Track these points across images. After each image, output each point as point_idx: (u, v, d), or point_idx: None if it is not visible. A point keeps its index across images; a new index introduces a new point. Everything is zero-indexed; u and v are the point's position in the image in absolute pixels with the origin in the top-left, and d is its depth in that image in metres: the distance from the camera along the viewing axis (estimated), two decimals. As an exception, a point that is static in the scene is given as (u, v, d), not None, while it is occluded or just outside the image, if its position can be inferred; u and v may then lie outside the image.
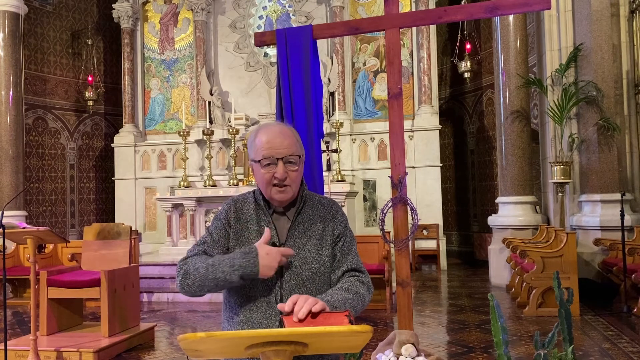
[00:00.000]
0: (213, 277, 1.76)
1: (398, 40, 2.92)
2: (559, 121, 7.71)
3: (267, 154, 1.82)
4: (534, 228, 8.38)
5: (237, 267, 1.73)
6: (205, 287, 1.79)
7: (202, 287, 1.79)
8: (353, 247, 1.95)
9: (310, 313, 1.55)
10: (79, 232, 13.01)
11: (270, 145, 1.82)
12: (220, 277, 1.75)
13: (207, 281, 1.77)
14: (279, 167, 1.81)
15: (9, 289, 8.40)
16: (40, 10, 12.81)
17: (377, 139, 11.06)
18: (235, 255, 1.77)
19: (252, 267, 1.72)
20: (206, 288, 1.79)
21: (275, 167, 1.82)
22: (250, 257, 1.73)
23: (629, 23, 7.83)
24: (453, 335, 5.69)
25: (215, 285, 1.77)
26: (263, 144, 1.83)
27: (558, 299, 2.40)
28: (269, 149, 1.82)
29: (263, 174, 1.84)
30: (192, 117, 11.99)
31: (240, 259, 1.74)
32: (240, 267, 1.73)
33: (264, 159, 1.82)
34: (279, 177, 1.81)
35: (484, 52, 12.01)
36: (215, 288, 1.79)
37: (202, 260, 1.80)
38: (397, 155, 2.85)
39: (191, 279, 1.79)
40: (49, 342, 5.08)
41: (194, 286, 1.79)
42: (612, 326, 5.77)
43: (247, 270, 1.72)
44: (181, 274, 1.82)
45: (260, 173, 1.85)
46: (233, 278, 1.74)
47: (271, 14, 11.98)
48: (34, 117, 12.75)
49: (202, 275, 1.77)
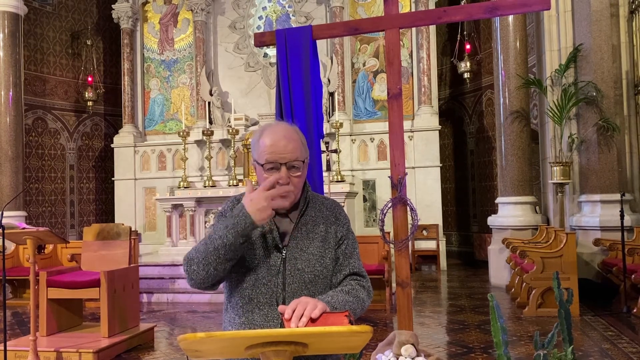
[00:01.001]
0: (213, 247, 1.71)
1: (398, 41, 2.92)
2: (559, 121, 7.71)
3: (270, 159, 1.78)
4: (534, 228, 8.38)
5: (231, 226, 1.70)
6: (210, 264, 1.72)
7: (207, 266, 1.73)
8: (355, 250, 1.93)
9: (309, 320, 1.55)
10: (78, 232, 13.01)
11: (274, 149, 1.78)
12: (219, 243, 1.71)
13: (209, 255, 1.72)
14: (282, 172, 1.78)
15: (9, 290, 8.40)
16: (40, 10, 12.81)
17: (376, 139, 11.06)
18: (226, 220, 1.76)
19: (243, 217, 1.69)
20: (211, 266, 1.72)
21: (278, 172, 1.78)
22: (238, 212, 1.71)
23: (628, 23, 7.83)
24: (453, 335, 5.69)
25: (217, 257, 1.71)
26: (267, 147, 1.79)
27: (558, 299, 2.40)
28: (272, 153, 1.78)
29: (265, 178, 1.80)
30: (192, 118, 11.99)
31: (231, 218, 1.72)
32: (233, 225, 1.70)
33: (267, 163, 1.79)
34: (282, 183, 1.78)
35: (483, 53, 12.01)
36: (220, 262, 1.72)
37: (202, 242, 1.78)
38: (396, 156, 2.85)
39: (195, 262, 1.75)
40: (48, 342, 5.08)
41: (200, 268, 1.74)
42: (612, 326, 5.77)
43: (240, 225, 1.69)
44: (186, 263, 1.78)
45: (262, 177, 1.82)
46: (230, 238, 1.69)
47: (271, 14, 11.98)
48: (34, 118, 12.75)
49: (203, 252, 1.74)
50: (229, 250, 1.71)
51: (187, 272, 1.79)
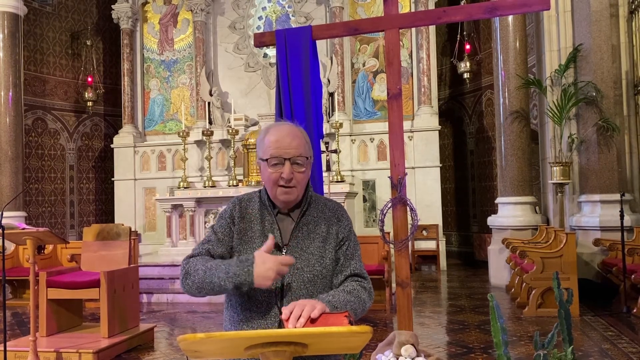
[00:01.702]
0: (209, 281, 1.75)
1: (397, 41, 2.92)
2: (559, 122, 7.71)
3: (275, 154, 1.82)
4: (534, 228, 8.38)
5: (232, 275, 1.70)
6: (204, 290, 1.78)
7: (201, 290, 1.78)
8: (357, 251, 1.94)
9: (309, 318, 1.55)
10: (78, 232, 13.00)
11: (279, 145, 1.82)
12: (215, 282, 1.73)
13: (205, 284, 1.76)
14: (286, 167, 1.80)
15: (9, 290, 8.39)
16: (40, 11, 12.80)
17: (376, 139, 11.06)
18: (232, 261, 1.75)
19: (246, 276, 1.69)
20: (204, 291, 1.78)
21: (282, 167, 1.81)
22: (245, 265, 1.70)
23: (628, 24, 7.83)
24: (453, 335, 5.69)
25: (211, 289, 1.76)
26: (271, 143, 1.83)
27: (558, 300, 2.40)
28: (277, 148, 1.82)
29: (270, 173, 1.83)
30: (192, 118, 11.99)
31: (236, 266, 1.72)
32: (234, 275, 1.70)
33: (272, 158, 1.82)
34: (286, 177, 1.80)
35: (483, 53, 12.01)
36: (213, 292, 1.77)
37: (203, 262, 1.79)
38: (396, 156, 2.85)
39: (191, 280, 1.79)
40: (48, 343, 5.08)
41: (193, 287, 1.79)
42: (612, 326, 5.77)
43: (240, 279, 1.69)
44: (183, 273, 1.82)
45: (267, 172, 1.84)
46: (227, 286, 1.72)
47: (270, 14, 11.98)
48: (34, 118, 12.74)
49: (200, 278, 1.77)
50: (222, 290, 1.76)
51: (182, 282, 1.83)
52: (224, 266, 1.74)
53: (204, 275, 1.76)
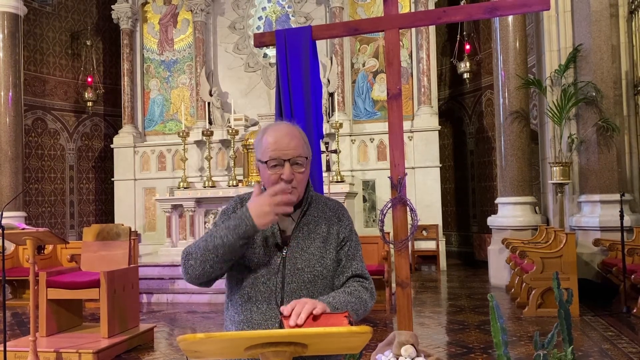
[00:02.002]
0: (212, 246, 1.72)
1: (397, 41, 2.92)
2: (558, 122, 7.71)
3: (274, 155, 1.80)
4: (534, 228, 8.38)
5: (232, 227, 1.71)
6: (207, 262, 1.74)
7: (204, 263, 1.74)
8: (358, 252, 1.93)
9: (310, 316, 1.54)
10: (78, 233, 13.00)
11: (277, 146, 1.80)
12: (219, 243, 1.72)
13: (207, 253, 1.73)
14: (286, 168, 1.79)
15: (9, 290, 8.39)
16: (40, 11, 12.80)
17: (376, 139, 11.07)
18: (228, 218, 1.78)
19: (245, 220, 1.70)
20: (208, 264, 1.74)
21: (282, 169, 1.79)
22: (240, 213, 1.72)
23: (628, 24, 7.83)
24: (453, 335, 5.69)
25: (215, 256, 1.72)
26: (270, 145, 1.81)
27: (557, 300, 2.40)
28: (276, 150, 1.80)
29: (269, 175, 1.81)
30: (192, 118, 11.99)
31: (233, 220, 1.73)
32: (235, 226, 1.70)
33: (271, 160, 1.80)
34: (286, 178, 1.78)
35: (483, 53, 12.02)
36: (217, 260, 1.73)
37: (202, 237, 1.79)
38: (396, 156, 2.85)
39: (193, 258, 1.76)
40: (48, 343, 5.08)
41: (196, 264, 1.75)
42: (612, 327, 5.77)
43: (242, 227, 1.70)
44: (184, 257, 1.80)
45: (266, 174, 1.83)
46: (230, 239, 1.70)
47: (270, 14, 11.98)
48: (33, 118, 12.74)
49: (203, 249, 1.74)
50: (227, 251, 1.72)
51: (184, 266, 1.80)
52: (224, 225, 1.74)
53: (206, 244, 1.74)
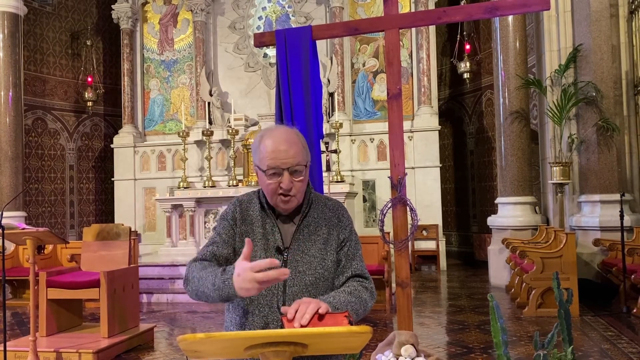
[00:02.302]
0: (202, 291, 1.73)
1: (397, 41, 2.92)
2: (559, 122, 7.71)
3: (272, 164, 1.77)
4: (534, 228, 8.38)
5: (216, 288, 1.66)
6: (201, 299, 1.76)
7: (199, 298, 1.77)
8: (358, 252, 1.92)
9: (313, 316, 1.54)
10: (78, 232, 13.00)
11: (276, 155, 1.76)
12: (207, 293, 1.71)
13: (200, 294, 1.75)
14: (285, 178, 1.76)
15: (9, 290, 8.39)
16: (40, 11, 12.80)
17: (376, 139, 11.06)
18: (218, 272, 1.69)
19: (228, 288, 1.62)
20: (202, 299, 1.76)
21: (281, 177, 1.77)
22: (225, 277, 1.63)
23: (628, 24, 7.83)
24: (453, 335, 5.69)
25: (206, 299, 1.74)
26: (268, 153, 1.77)
27: (557, 300, 2.40)
28: (274, 159, 1.76)
29: (268, 183, 1.79)
30: (192, 118, 11.99)
31: (219, 278, 1.66)
32: (218, 288, 1.65)
33: (269, 169, 1.77)
34: (285, 187, 1.77)
35: (483, 53, 12.01)
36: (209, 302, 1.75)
37: (199, 270, 1.76)
38: (396, 156, 2.85)
39: (190, 287, 1.79)
40: (48, 343, 5.08)
41: (193, 294, 1.79)
42: (612, 326, 5.77)
43: (224, 292, 1.64)
44: (184, 280, 1.82)
45: (265, 182, 1.81)
46: (215, 297, 1.68)
47: (270, 14, 11.98)
48: (34, 118, 12.74)
49: (195, 286, 1.75)
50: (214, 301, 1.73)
51: (185, 286, 1.82)
52: (212, 277, 1.69)
53: (198, 284, 1.74)
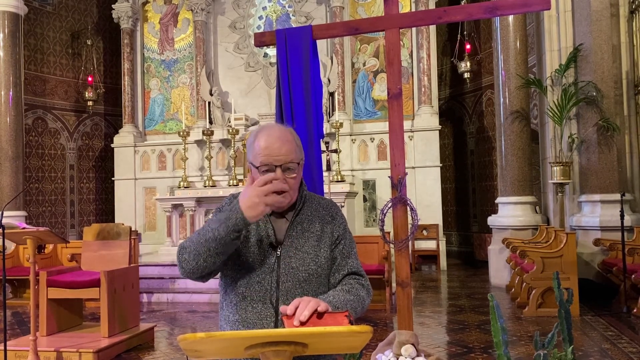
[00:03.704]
0: (205, 239, 1.71)
1: (398, 41, 2.92)
2: (559, 121, 7.71)
3: (265, 161, 1.78)
4: (534, 228, 8.38)
5: (223, 220, 1.68)
6: (201, 255, 1.72)
7: (198, 257, 1.73)
8: (353, 249, 1.93)
9: (313, 315, 1.54)
10: (78, 232, 13.01)
11: (269, 151, 1.78)
12: (210, 236, 1.69)
13: (200, 246, 1.72)
14: (278, 174, 1.77)
15: (9, 290, 8.40)
16: (40, 10, 12.81)
17: (376, 139, 11.06)
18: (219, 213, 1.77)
19: (235, 212, 1.67)
20: (201, 257, 1.72)
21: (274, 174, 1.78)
22: (231, 207, 1.71)
23: (628, 23, 7.83)
24: (453, 335, 5.69)
25: (208, 249, 1.71)
26: (261, 150, 1.79)
27: (558, 299, 2.40)
28: (268, 155, 1.78)
29: None
30: (192, 118, 12.00)
31: (223, 212, 1.73)
32: (225, 219, 1.68)
33: (262, 165, 1.79)
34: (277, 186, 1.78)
35: (483, 53, 12.01)
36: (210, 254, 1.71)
37: (197, 231, 1.79)
38: (396, 156, 2.85)
39: (187, 252, 1.76)
40: (48, 342, 5.08)
41: (190, 258, 1.74)
42: (612, 326, 5.77)
43: (232, 218, 1.67)
44: (179, 251, 1.79)
45: (258, 178, 1.82)
46: (222, 232, 1.68)
47: (271, 14, 11.98)
48: (34, 118, 12.75)
49: (195, 242, 1.73)
50: (219, 244, 1.70)
51: (179, 260, 1.79)
52: (215, 218, 1.75)
53: (198, 236, 1.73)
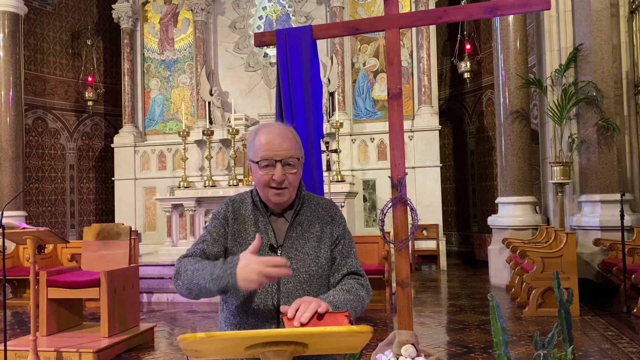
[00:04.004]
0: (196, 282, 1.70)
1: (398, 41, 2.92)
2: (559, 121, 7.71)
3: (265, 156, 1.79)
4: (534, 228, 8.38)
5: (215, 277, 1.64)
6: (192, 291, 1.73)
7: (190, 291, 1.74)
8: (352, 249, 1.93)
9: (314, 315, 1.54)
10: (78, 232, 13.01)
11: (270, 146, 1.79)
12: (201, 284, 1.68)
13: (192, 285, 1.72)
14: (277, 169, 1.78)
15: (9, 290, 8.40)
16: (40, 10, 12.80)
17: (377, 139, 11.06)
18: (218, 263, 1.69)
19: (228, 278, 1.61)
20: (193, 292, 1.73)
21: (274, 169, 1.79)
22: (229, 267, 1.63)
23: (628, 23, 7.83)
24: (453, 335, 5.69)
25: (199, 291, 1.71)
26: (262, 145, 1.80)
27: (558, 299, 2.40)
28: (268, 150, 1.79)
29: (261, 175, 1.81)
30: (192, 118, 11.99)
31: (220, 268, 1.65)
32: (218, 277, 1.63)
33: (262, 160, 1.79)
34: (277, 179, 1.78)
35: (483, 53, 12.01)
36: (201, 295, 1.72)
37: (193, 263, 1.76)
38: (396, 156, 2.85)
39: (181, 280, 1.76)
40: (48, 342, 5.08)
41: (183, 288, 1.76)
42: (612, 326, 5.77)
43: (223, 282, 1.62)
44: (175, 273, 1.79)
45: (258, 174, 1.83)
46: (212, 288, 1.66)
47: (271, 14, 11.98)
48: (34, 118, 12.75)
49: (189, 279, 1.73)
50: (208, 293, 1.71)
51: (174, 282, 1.80)
52: (210, 267, 1.69)
53: (192, 275, 1.72)
